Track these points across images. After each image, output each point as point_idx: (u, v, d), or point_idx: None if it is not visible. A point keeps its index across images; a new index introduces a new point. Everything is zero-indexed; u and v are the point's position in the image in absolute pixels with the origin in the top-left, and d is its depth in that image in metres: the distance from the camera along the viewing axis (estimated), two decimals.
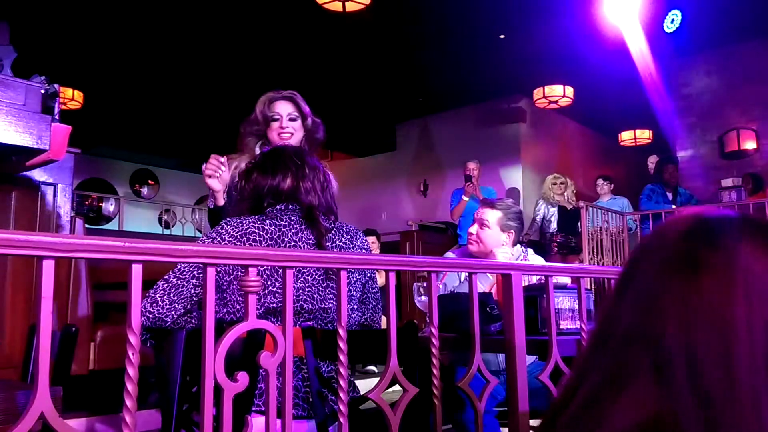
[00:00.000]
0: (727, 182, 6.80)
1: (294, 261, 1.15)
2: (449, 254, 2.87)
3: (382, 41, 6.53)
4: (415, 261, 1.59)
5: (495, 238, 2.55)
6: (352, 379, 1.77)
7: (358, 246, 1.74)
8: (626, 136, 8.55)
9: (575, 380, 0.62)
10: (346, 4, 4.88)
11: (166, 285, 1.54)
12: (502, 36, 6.43)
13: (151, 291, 1.54)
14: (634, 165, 8.76)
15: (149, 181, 11.57)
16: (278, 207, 1.68)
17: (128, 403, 0.93)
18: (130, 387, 0.93)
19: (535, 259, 2.69)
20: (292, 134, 2.23)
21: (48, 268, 0.88)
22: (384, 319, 1.50)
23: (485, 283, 2.33)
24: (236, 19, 5.98)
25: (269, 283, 1.58)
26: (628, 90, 6.74)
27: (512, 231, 2.56)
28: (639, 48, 6.04)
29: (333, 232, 1.70)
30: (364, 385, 1.63)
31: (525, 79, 7.29)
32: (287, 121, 2.23)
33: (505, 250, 2.54)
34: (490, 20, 6.04)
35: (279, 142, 2.17)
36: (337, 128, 9.41)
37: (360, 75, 7.34)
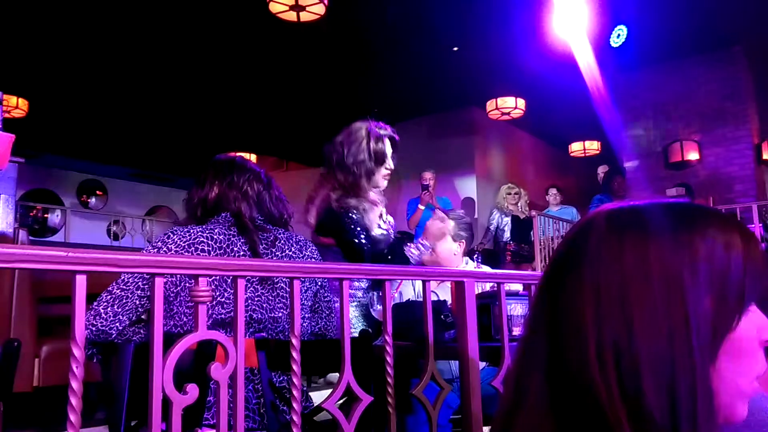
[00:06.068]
0: (671, 192, 7.04)
1: (245, 270, 1.14)
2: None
3: (337, 52, 6.54)
4: (368, 269, 1.59)
5: (447, 247, 2.59)
6: (305, 390, 1.75)
7: (308, 256, 1.73)
8: (576, 147, 8.76)
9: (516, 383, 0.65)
10: (301, 14, 4.87)
11: (109, 297, 1.49)
12: (455, 48, 6.53)
13: (95, 303, 1.48)
14: (583, 175, 8.98)
15: (97, 192, 11.23)
16: (222, 215, 1.67)
17: (72, 418, 0.90)
18: (74, 401, 0.90)
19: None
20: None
21: None
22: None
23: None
24: (188, 28, 5.89)
25: (217, 293, 1.55)
26: (577, 102, 6.91)
27: (463, 241, 2.62)
28: (587, 62, 6.20)
29: (282, 241, 1.69)
30: (321, 396, 1.61)
31: (478, 91, 7.41)
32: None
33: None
34: (444, 33, 6.13)
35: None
36: (292, 139, 9.35)
37: (315, 85, 7.33)
